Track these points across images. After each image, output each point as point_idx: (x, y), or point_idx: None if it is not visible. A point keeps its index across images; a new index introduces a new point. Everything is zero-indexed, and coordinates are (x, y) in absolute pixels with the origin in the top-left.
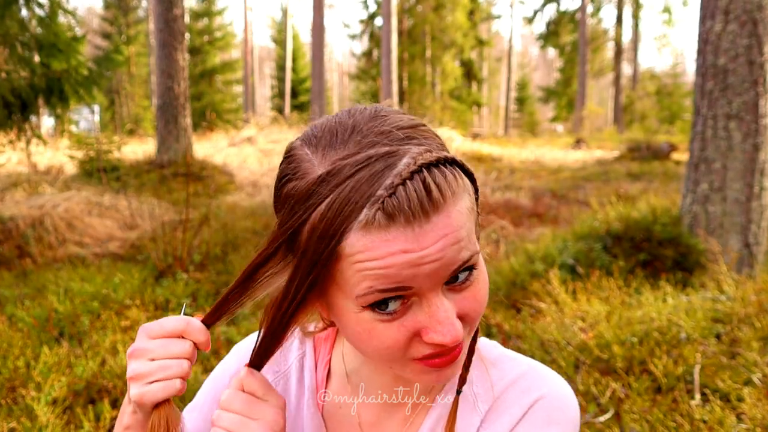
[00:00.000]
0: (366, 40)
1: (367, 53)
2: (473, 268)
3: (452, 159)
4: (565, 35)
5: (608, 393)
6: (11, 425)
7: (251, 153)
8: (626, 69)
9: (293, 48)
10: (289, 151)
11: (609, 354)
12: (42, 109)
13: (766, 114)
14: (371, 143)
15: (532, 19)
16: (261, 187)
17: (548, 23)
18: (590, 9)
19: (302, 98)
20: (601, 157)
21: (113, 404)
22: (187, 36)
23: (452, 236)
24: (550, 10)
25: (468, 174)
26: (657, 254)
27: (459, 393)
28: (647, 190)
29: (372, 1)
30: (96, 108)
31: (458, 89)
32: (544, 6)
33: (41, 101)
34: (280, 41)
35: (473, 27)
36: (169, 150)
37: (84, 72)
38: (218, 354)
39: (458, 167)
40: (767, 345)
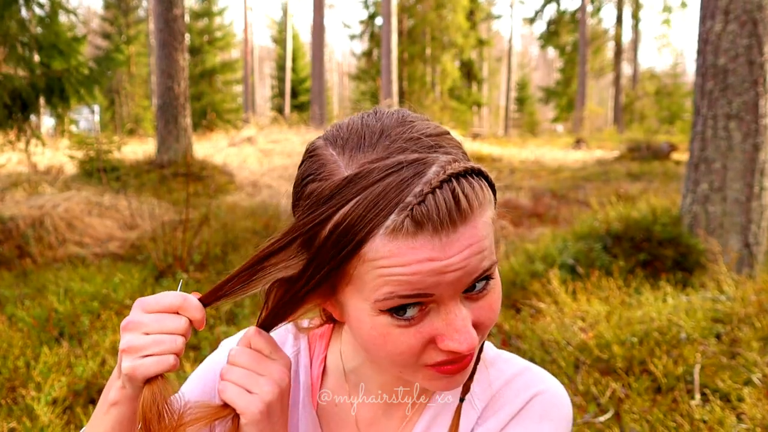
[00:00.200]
0: (366, 40)
1: (367, 53)
2: (490, 278)
3: (479, 169)
4: (565, 35)
5: (608, 393)
6: (11, 425)
7: (251, 153)
8: (626, 69)
9: (293, 48)
10: (313, 151)
11: (609, 354)
12: (42, 109)
13: (766, 114)
14: (400, 149)
15: (533, 20)
16: (261, 187)
17: (548, 23)
18: (590, 9)
19: (302, 98)
20: (601, 157)
21: None
22: (187, 36)
23: (477, 246)
24: (551, 10)
25: (491, 185)
26: (657, 254)
27: (462, 401)
28: (647, 190)
29: (372, 1)
30: (96, 108)
31: (458, 89)
32: (545, 6)
33: (41, 101)
34: (280, 41)
35: (473, 27)
36: (169, 150)
37: (84, 71)
38: None
39: (483, 178)
40: (767, 345)
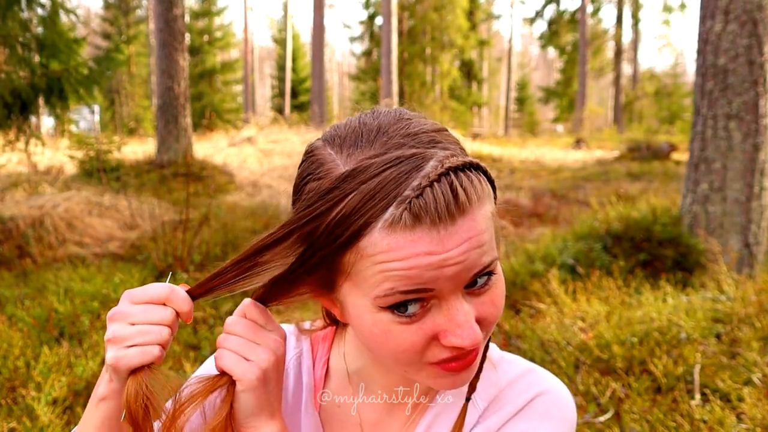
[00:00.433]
0: (366, 40)
1: (367, 53)
2: (492, 273)
3: (477, 164)
4: (566, 35)
5: (608, 393)
6: (11, 425)
7: (251, 153)
8: (626, 69)
9: (293, 48)
10: (311, 152)
11: (609, 354)
12: (42, 109)
13: (766, 114)
14: (398, 144)
15: (533, 20)
16: (261, 187)
17: (549, 23)
18: (590, 9)
19: (302, 98)
20: (601, 157)
21: None
22: (187, 36)
23: (475, 240)
24: (551, 11)
25: (490, 180)
26: (657, 254)
27: (468, 400)
28: (647, 190)
29: (372, 1)
30: (96, 108)
31: (458, 89)
32: (545, 6)
33: (41, 101)
34: (280, 41)
35: (473, 27)
36: (169, 150)
37: (84, 71)
38: None
39: (482, 173)
40: (767, 345)
